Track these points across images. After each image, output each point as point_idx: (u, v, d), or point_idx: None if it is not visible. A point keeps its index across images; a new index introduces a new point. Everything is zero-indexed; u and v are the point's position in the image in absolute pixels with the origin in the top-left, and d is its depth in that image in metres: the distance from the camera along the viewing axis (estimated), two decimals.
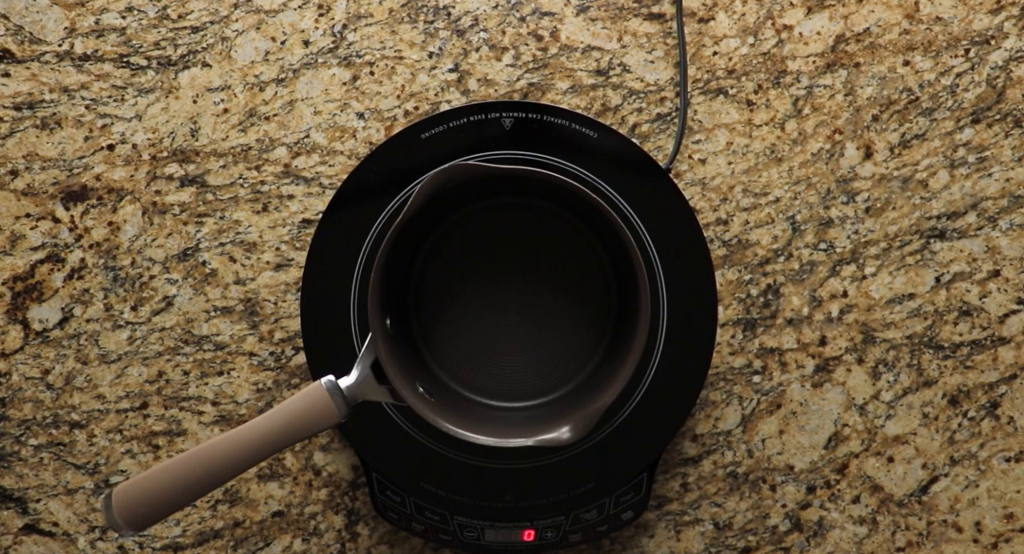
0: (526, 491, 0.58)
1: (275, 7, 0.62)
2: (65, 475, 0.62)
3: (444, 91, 0.62)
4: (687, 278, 0.57)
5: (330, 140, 0.62)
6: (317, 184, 0.62)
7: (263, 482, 0.62)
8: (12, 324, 0.62)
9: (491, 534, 0.58)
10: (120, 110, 0.62)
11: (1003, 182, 0.62)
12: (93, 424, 0.62)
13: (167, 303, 0.62)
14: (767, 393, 0.62)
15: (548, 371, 0.59)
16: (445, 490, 0.58)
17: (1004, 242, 0.62)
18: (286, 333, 0.62)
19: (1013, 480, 0.62)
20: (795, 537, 0.62)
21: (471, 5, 0.62)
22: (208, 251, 0.62)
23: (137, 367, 0.62)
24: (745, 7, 0.62)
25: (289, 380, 0.62)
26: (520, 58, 0.62)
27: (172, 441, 0.62)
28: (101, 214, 0.62)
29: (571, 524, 0.58)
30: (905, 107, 0.62)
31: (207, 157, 0.62)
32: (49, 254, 0.62)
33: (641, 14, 0.62)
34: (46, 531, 0.62)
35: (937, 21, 0.62)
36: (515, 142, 0.58)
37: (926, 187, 0.62)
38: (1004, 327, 0.62)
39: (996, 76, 0.62)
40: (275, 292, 0.62)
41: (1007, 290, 0.62)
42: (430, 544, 0.62)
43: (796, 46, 0.62)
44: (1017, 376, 0.62)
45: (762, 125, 0.62)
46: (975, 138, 0.62)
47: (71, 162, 0.62)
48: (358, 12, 0.62)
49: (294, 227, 0.62)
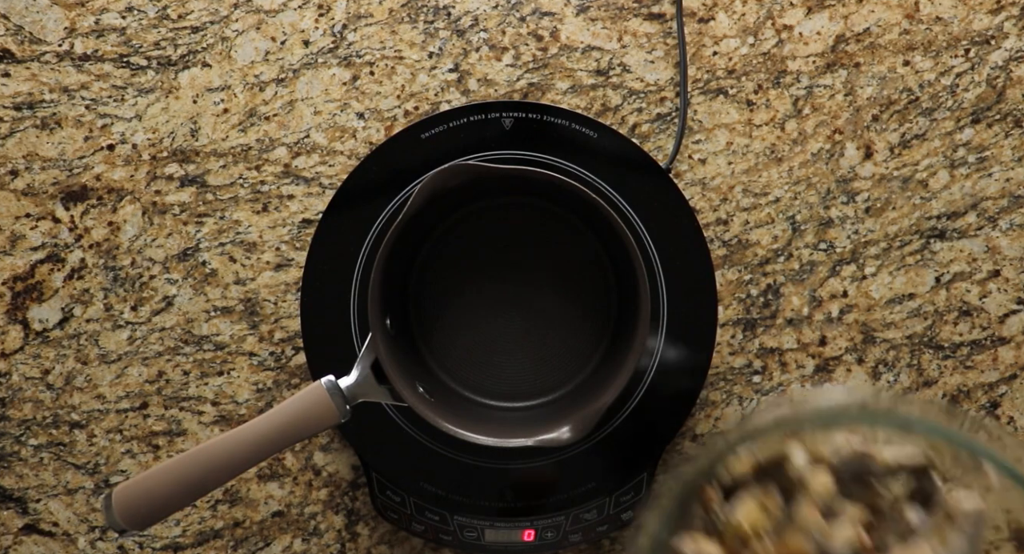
0: (526, 491, 0.58)
1: (275, 7, 0.62)
2: (65, 475, 0.62)
3: (444, 91, 0.62)
4: (687, 278, 0.57)
5: (330, 140, 0.62)
6: (317, 184, 0.62)
7: (263, 482, 0.62)
8: (12, 324, 0.62)
9: (491, 534, 0.58)
10: (120, 110, 0.62)
11: (1003, 182, 0.62)
12: (93, 424, 0.62)
13: (167, 303, 0.62)
14: (767, 393, 0.62)
15: (548, 371, 0.59)
16: (445, 490, 0.58)
17: (1004, 242, 0.62)
18: (286, 333, 0.62)
19: None
20: None
21: (471, 5, 0.62)
22: (208, 251, 0.62)
23: (137, 367, 0.62)
24: (745, 7, 0.62)
25: (289, 380, 0.62)
26: (520, 58, 0.62)
27: (172, 441, 0.62)
28: (101, 214, 0.62)
29: (571, 524, 0.58)
30: (905, 107, 0.62)
31: (207, 157, 0.62)
32: (49, 254, 0.62)
33: (641, 14, 0.62)
34: (46, 531, 0.62)
35: (937, 21, 0.62)
36: (515, 142, 0.58)
37: (926, 187, 0.62)
38: (1004, 327, 0.62)
39: (996, 76, 0.62)
40: (275, 292, 0.62)
41: (1007, 290, 0.62)
42: (430, 544, 0.62)
43: (796, 46, 0.62)
44: (1017, 376, 0.62)
45: (762, 125, 0.62)
46: (975, 138, 0.62)
47: (71, 162, 0.62)
48: (358, 12, 0.62)
49: (294, 227, 0.62)
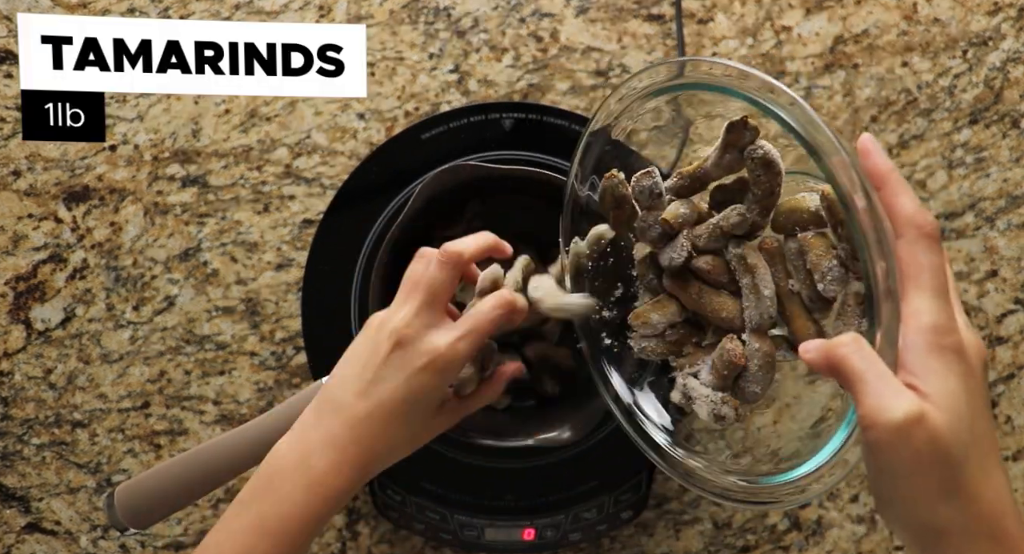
0: (526, 491, 0.58)
1: (276, 8, 0.62)
2: (67, 474, 0.62)
3: (444, 92, 0.62)
4: None
5: (331, 141, 0.62)
6: (318, 184, 0.62)
7: None
8: (14, 324, 0.62)
9: (491, 533, 0.58)
10: (122, 111, 0.62)
11: (1000, 182, 0.62)
12: (95, 423, 0.62)
13: (169, 303, 0.62)
14: None
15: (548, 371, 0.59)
16: (445, 489, 0.58)
17: (1002, 242, 0.62)
18: (287, 333, 0.62)
19: (1011, 479, 0.62)
20: (794, 536, 0.62)
21: (471, 6, 0.62)
22: (209, 251, 0.62)
23: (139, 367, 0.62)
24: (744, 8, 0.62)
25: (290, 380, 0.62)
26: (520, 59, 0.62)
27: (174, 440, 0.62)
28: (103, 214, 0.62)
29: (571, 523, 0.58)
30: (903, 108, 0.62)
31: (208, 158, 0.62)
32: (51, 254, 0.62)
33: (640, 15, 0.62)
34: (48, 530, 0.62)
35: (935, 22, 0.62)
36: (515, 143, 0.58)
37: (924, 187, 0.62)
38: (1002, 327, 0.62)
39: (994, 77, 0.62)
40: (276, 292, 0.62)
41: (1004, 290, 0.62)
42: (430, 543, 0.62)
43: (795, 47, 0.62)
44: (1015, 375, 0.62)
45: None
46: (973, 139, 0.62)
47: (73, 163, 0.62)
48: (359, 13, 0.62)
49: (295, 227, 0.62)
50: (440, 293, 0.43)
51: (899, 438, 0.31)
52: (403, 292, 0.44)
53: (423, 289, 0.43)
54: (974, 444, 0.32)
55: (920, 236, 0.33)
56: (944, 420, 0.31)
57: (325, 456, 0.41)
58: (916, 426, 0.31)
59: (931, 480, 0.31)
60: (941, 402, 0.31)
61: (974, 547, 0.32)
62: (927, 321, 0.32)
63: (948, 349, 0.32)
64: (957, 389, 0.32)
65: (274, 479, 0.41)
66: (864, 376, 0.32)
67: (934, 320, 0.32)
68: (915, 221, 0.33)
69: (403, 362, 0.42)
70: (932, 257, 0.33)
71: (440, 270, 0.43)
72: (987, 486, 0.32)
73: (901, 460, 0.31)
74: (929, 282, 0.33)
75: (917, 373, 0.32)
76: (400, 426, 0.43)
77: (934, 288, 0.33)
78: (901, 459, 0.31)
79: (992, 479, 0.32)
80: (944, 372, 0.32)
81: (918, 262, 0.33)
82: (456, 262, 0.43)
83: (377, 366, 0.42)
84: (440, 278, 0.43)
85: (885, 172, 0.34)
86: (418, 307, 0.42)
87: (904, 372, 0.32)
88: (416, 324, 0.42)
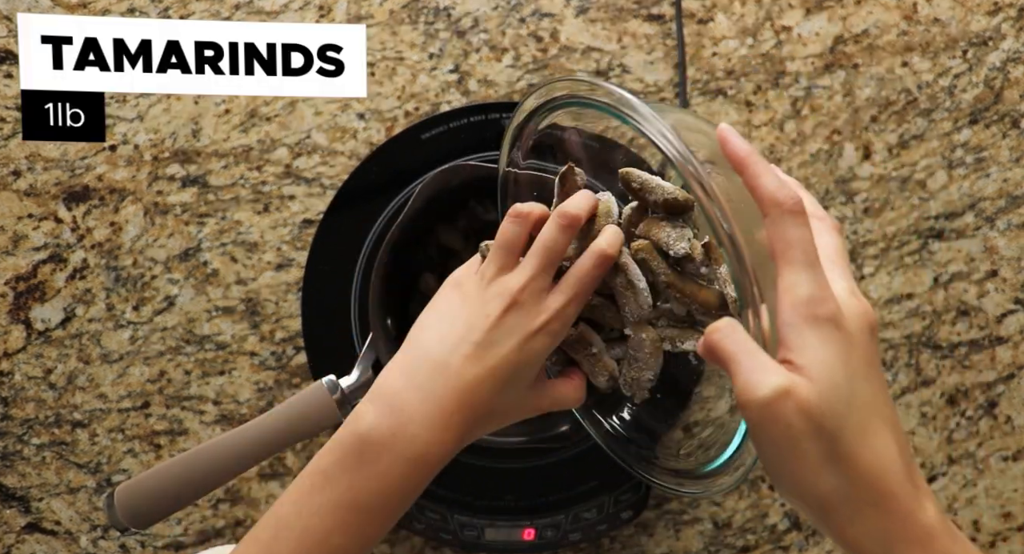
0: (526, 490, 0.58)
1: (276, 8, 0.62)
2: (67, 474, 0.62)
3: (444, 92, 0.62)
4: None
5: (331, 141, 0.62)
6: (318, 184, 0.62)
7: (264, 481, 0.62)
8: (14, 324, 0.62)
9: (491, 533, 0.58)
10: (122, 111, 0.62)
11: (1000, 182, 0.62)
12: (95, 423, 0.62)
13: (169, 303, 0.62)
14: None
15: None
16: (445, 489, 0.58)
17: (1002, 242, 0.62)
18: (287, 333, 0.62)
19: (1011, 479, 0.62)
20: (794, 536, 0.62)
21: (471, 6, 0.62)
22: (209, 251, 0.62)
23: (139, 367, 0.62)
24: (744, 8, 0.62)
25: (290, 380, 0.62)
26: (520, 59, 0.62)
27: (174, 440, 0.62)
28: (103, 214, 0.62)
29: (571, 523, 0.58)
30: (903, 108, 0.62)
31: (208, 158, 0.62)
32: (51, 254, 0.62)
33: (640, 15, 0.62)
34: (48, 530, 0.62)
35: (935, 22, 0.62)
36: None
37: (924, 187, 0.62)
38: (1002, 327, 0.62)
39: (994, 77, 0.62)
40: (276, 292, 0.62)
41: (1005, 290, 0.62)
42: (430, 543, 0.62)
43: (795, 47, 0.62)
44: (1015, 375, 0.62)
45: (761, 126, 0.62)
46: (973, 139, 0.62)
47: (73, 163, 0.62)
48: (359, 13, 0.62)
49: (295, 227, 0.62)
50: (557, 257, 0.41)
51: (769, 413, 0.31)
52: (501, 252, 0.41)
53: (541, 252, 0.41)
54: (853, 411, 0.32)
55: (783, 213, 0.33)
56: (815, 391, 0.31)
57: (427, 426, 0.39)
58: (784, 400, 0.31)
59: (808, 451, 0.32)
60: (815, 373, 0.31)
61: (859, 515, 0.32)
62: (800, 293, 0.32)
63: (823, 319, 0.32)
64: (831, 358, 0.32)
65: (365, 452, 0.39)
66: (736, 357, 0.33)
67: (808, 292, 0.32)
68: (777, 199, 0.33)
69: (517, 325, 0.40)
70: (798, 231, 0.33)
71: (562, 234, 0.41)
72: (866, 449, 0.32)
73: (776, 434, 0.32)
74: (799, 256, 0.33)
75: (793, 347, 0.32)
76: (507, 393, 0.41)
77: (804, 262, 0.33)
78: (776, 433, 0.32)
79: (872, 441, 0.32)
80: (818, 343, 0.32)
81: (785, 238, 0.33)
82: (577, 226, 0.41)
83: (488, 329, 0.40)
84: (561, 241, 0.41)
85: (744, 156, 0.35)
86: (536, 270, 0.40)
87: (783, 348, 0.32)
88: (533, 287, 0.40)
